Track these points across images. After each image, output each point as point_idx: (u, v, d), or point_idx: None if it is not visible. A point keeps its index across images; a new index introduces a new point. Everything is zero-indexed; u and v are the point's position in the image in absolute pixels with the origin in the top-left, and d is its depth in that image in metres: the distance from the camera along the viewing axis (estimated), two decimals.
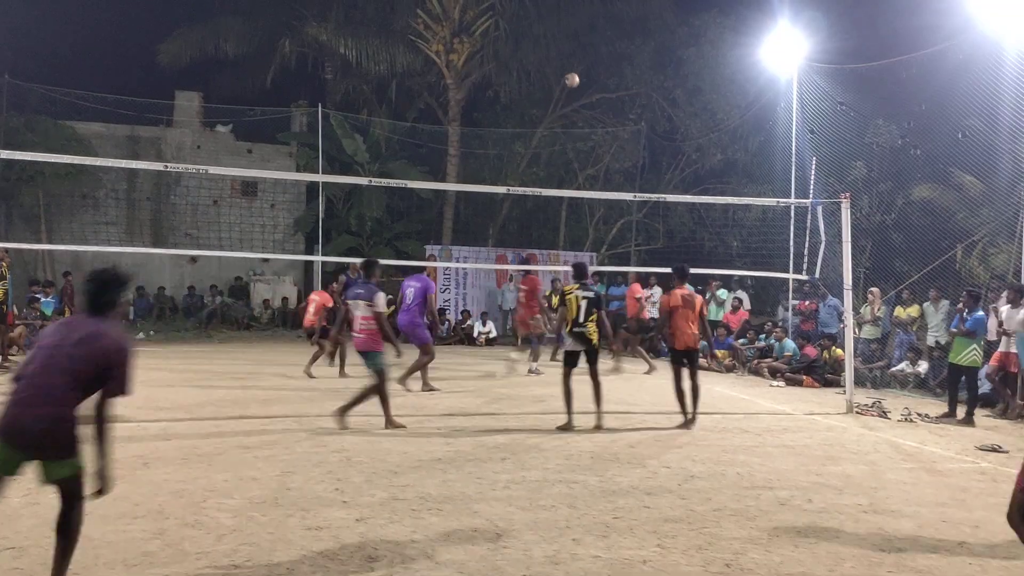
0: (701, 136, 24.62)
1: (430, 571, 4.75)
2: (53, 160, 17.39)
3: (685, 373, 9.91)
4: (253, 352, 17.67)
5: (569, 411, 9.38)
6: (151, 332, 21.34)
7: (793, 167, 17.92)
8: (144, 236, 25.33)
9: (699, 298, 10.25)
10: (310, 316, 14.20)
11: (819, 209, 12.93)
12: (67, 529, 4.32)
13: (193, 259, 25.08)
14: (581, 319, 9.35)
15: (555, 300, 17.04)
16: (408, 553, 5.01)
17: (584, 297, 9.40)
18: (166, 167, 14.51)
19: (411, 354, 11.04)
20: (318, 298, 14.39)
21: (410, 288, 11.96)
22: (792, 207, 17.35)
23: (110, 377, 4.24)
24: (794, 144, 17.98)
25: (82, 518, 4.36)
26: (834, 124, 17.56)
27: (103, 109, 23.46)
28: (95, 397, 4.26)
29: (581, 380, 9.52)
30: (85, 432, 4.21)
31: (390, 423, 9.08)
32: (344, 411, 9.01)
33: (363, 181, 17.71)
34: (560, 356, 10.31)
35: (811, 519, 6.01)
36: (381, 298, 9.19)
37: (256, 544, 5.11)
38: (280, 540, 5.20)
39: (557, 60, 25.40)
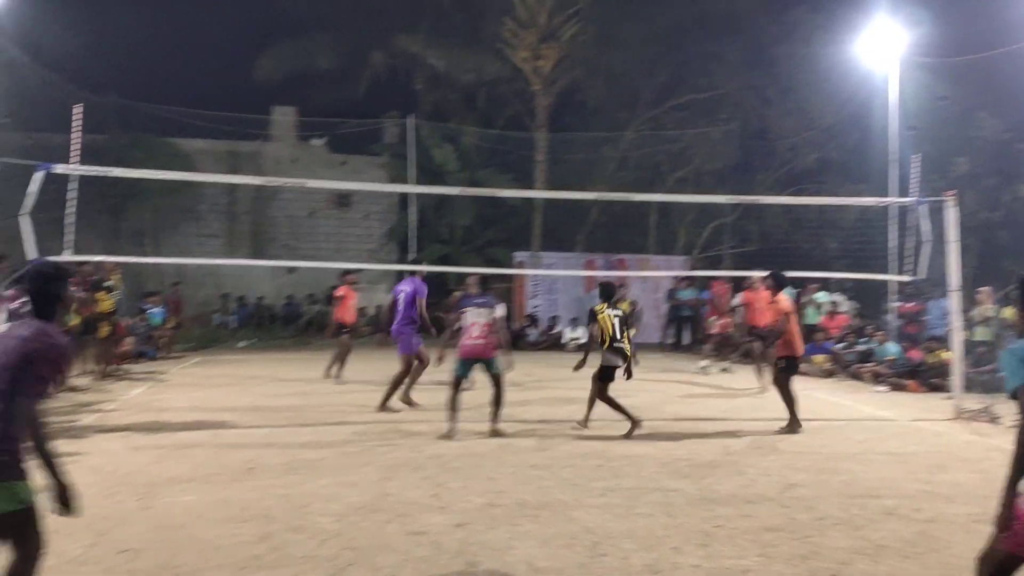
0: (795, 135, 24.07)
1: None
2: (159, 177, 18.10)
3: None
4: (349, 359, 18.02)
5: (628, 416, 9.43)
6: (252, 340, 22.03)
7: (894, 165, 17.37)
8: (244, 248, 26.17)
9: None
10: (351, 312, 14.19)
11: (922, 208, 12.48)
12: None
13: (291, 269, 25.77)
14: (618, 335, 9.55)
15: (625, 307, 16.92)
16: (507, 560, 5.04)
17: (615, 316, 9.65)
18: (266, 182, 14.93)
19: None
20: (345, 292, 14.22)
21: (402, 292, 11.16)
22: (892, 206, 16.80)
23: (27, 377, 3.49)
24: (893, 141, 17.42)
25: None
26: (935, 119, 16.98)
27: (204, 126, 24.30)
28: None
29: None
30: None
31: (497, 432, 9.20)
32: (495, 422, 9.27)
33: (454, 191, 17.87)
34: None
35: (920, 529, 5.80)
36: (502, 307, 9.56)
37: (358, 548, 5.22)
38: (381, 545, 5.30)
39: (644, 62, 25.21)
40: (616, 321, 9.60)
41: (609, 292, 9.96)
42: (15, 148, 13.58)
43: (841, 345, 16.10)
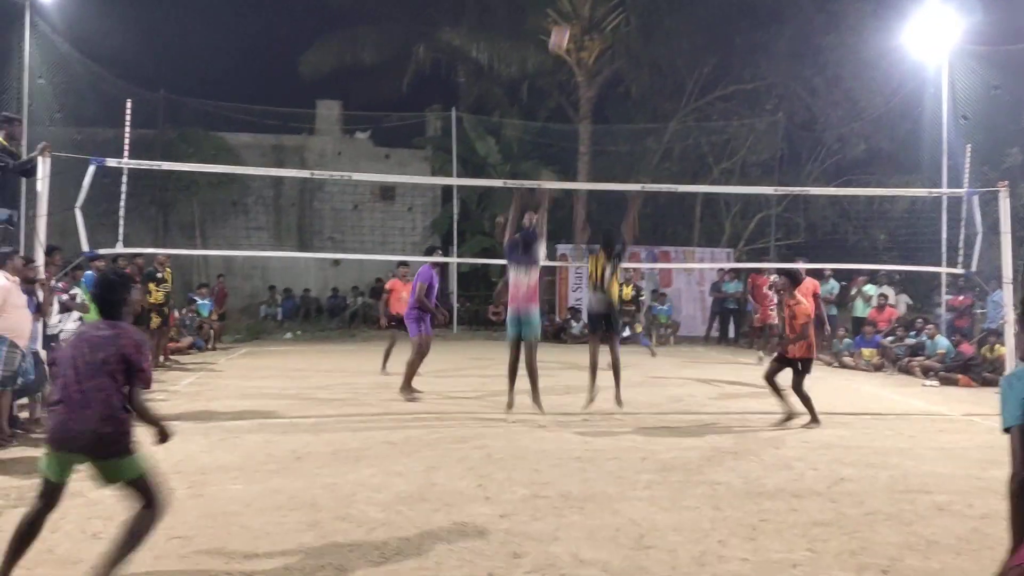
0: (842, 126, 23.68)
1: (575, 569, 4.77)
2: (207, 170, 18.39)
3: None
4: (394, 350, 18.18)
5: (592, 392, 10.10)
6: (297, 332, 22.27)
7: (944, 155, 17.02)
8: (290, 240, 26.47)
9: None
10: (401, 304, 14.29)
11: (975, 199, 12.22)
12: (130, 528, 4.37)
13: (336, 262, 26.01)
14: (603, 283, 9.83)
15: (627, 291, 16.74)
16: (553, 551, 5.05)
17: (608, 265, 9.81)
18: (312, 174, 15.11)
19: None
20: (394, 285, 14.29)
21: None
22: (944, 198, 16.48)
23: (133, 372, 4.34)
24: (944, 131, 17.06)
25: (150, 523, 4.40)
26: (987, 109, 16.59)
27: (250, 120, 24.62)
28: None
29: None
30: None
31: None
32: (536, 397, 9.65)
33: (497, 183, 17.91)
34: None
35: (973, 525, 5.70)
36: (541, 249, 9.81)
37: (405, 538, 5.26)
38: (427, 535, 5.33)
39: (689, 53, 25.00)
40: (607, 270, 9.67)
41: (608, 240, 9.89)
42: (65, 142, 13.86)
43: (890, 339, 15.84)
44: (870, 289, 17.61)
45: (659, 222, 27.04)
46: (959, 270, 13.85)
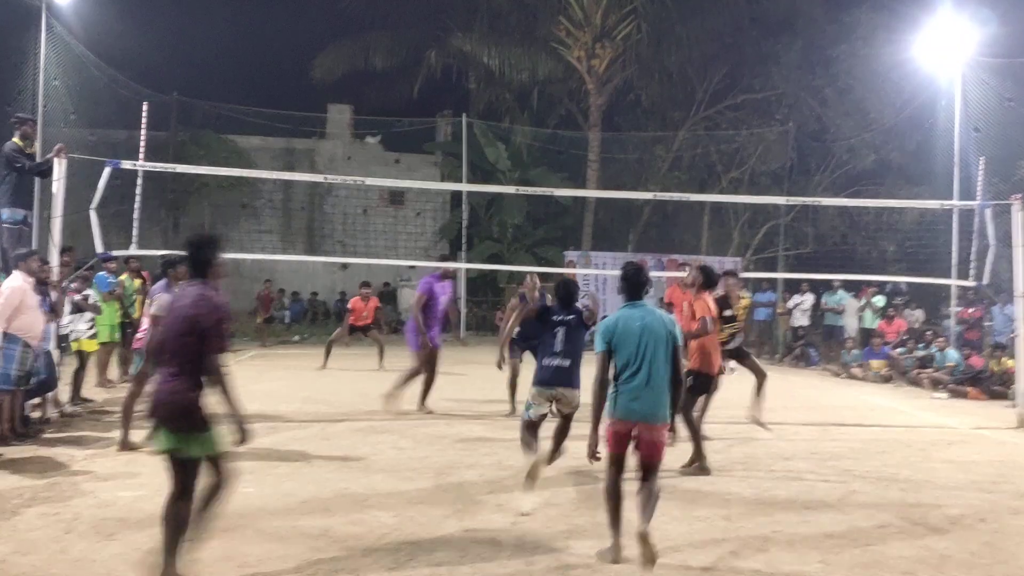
0: (853, 136, 23.63)
1: None
2: (220, 173, 18.44)
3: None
4: (402, 355, 18.17)
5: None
6: (305, 335, 22.31)
7: (956, 167, 16.99)
8: (299, 243, 26.53)
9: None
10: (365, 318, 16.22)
11: (987, 212, 12.21)
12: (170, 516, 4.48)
13: (344, 265, 26.05)
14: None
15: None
16: (566, 560, 5.05)
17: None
18: (325, 179, 15.18)
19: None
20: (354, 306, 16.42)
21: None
22: (955, 210, 16.45)
23: (207, 337, 4.38)
24: (957, 143, 17.04)
25: (189, 509, 4.50)
26: (1001, 121, 16.53)
27: (261, 123, 24.67)
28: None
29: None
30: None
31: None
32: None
33: (509, 190, 17.95)
34: None
35: (985, 539, 5.69)
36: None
37: (417, 543, 5.27)
38: (440, 540, 5.35)
39: (700, 62, 25.01)
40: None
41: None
42: (79, 144, 13.92)
43: (899, 350, 15.80)
44: (879, 301, 17.58)
45: (667, 230, 27.05)
46: (969, 282, 13.82)
